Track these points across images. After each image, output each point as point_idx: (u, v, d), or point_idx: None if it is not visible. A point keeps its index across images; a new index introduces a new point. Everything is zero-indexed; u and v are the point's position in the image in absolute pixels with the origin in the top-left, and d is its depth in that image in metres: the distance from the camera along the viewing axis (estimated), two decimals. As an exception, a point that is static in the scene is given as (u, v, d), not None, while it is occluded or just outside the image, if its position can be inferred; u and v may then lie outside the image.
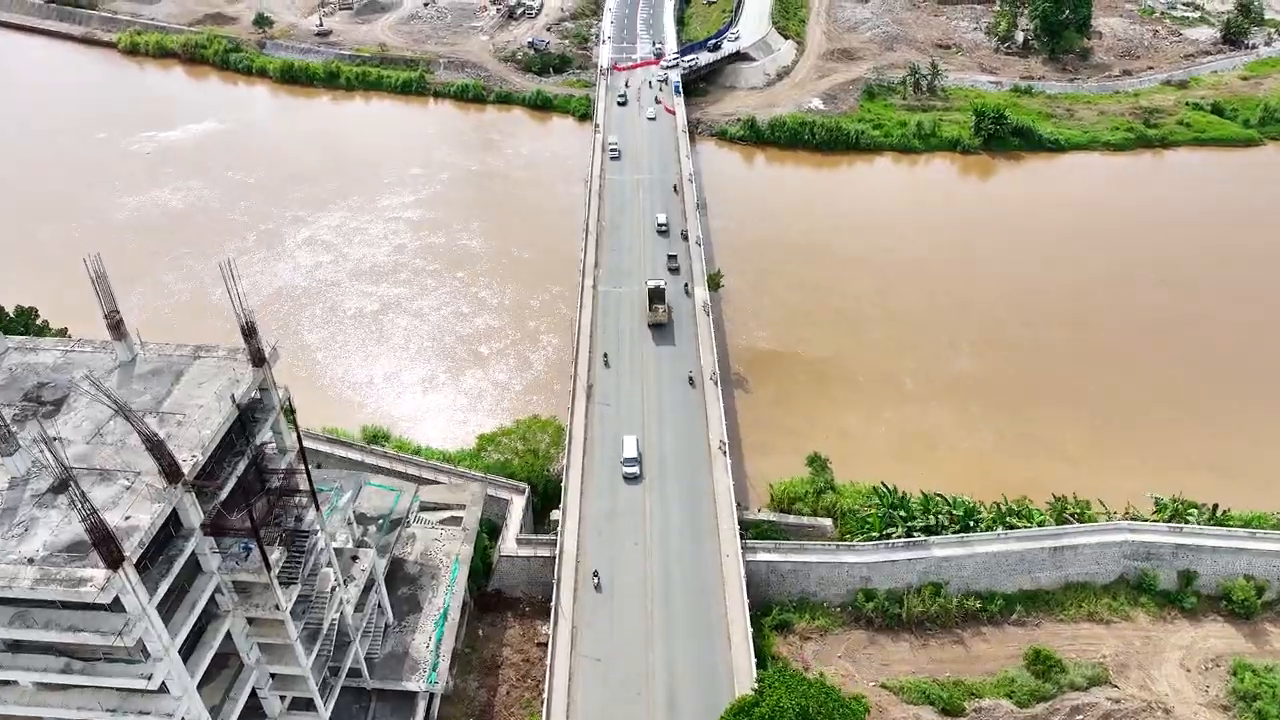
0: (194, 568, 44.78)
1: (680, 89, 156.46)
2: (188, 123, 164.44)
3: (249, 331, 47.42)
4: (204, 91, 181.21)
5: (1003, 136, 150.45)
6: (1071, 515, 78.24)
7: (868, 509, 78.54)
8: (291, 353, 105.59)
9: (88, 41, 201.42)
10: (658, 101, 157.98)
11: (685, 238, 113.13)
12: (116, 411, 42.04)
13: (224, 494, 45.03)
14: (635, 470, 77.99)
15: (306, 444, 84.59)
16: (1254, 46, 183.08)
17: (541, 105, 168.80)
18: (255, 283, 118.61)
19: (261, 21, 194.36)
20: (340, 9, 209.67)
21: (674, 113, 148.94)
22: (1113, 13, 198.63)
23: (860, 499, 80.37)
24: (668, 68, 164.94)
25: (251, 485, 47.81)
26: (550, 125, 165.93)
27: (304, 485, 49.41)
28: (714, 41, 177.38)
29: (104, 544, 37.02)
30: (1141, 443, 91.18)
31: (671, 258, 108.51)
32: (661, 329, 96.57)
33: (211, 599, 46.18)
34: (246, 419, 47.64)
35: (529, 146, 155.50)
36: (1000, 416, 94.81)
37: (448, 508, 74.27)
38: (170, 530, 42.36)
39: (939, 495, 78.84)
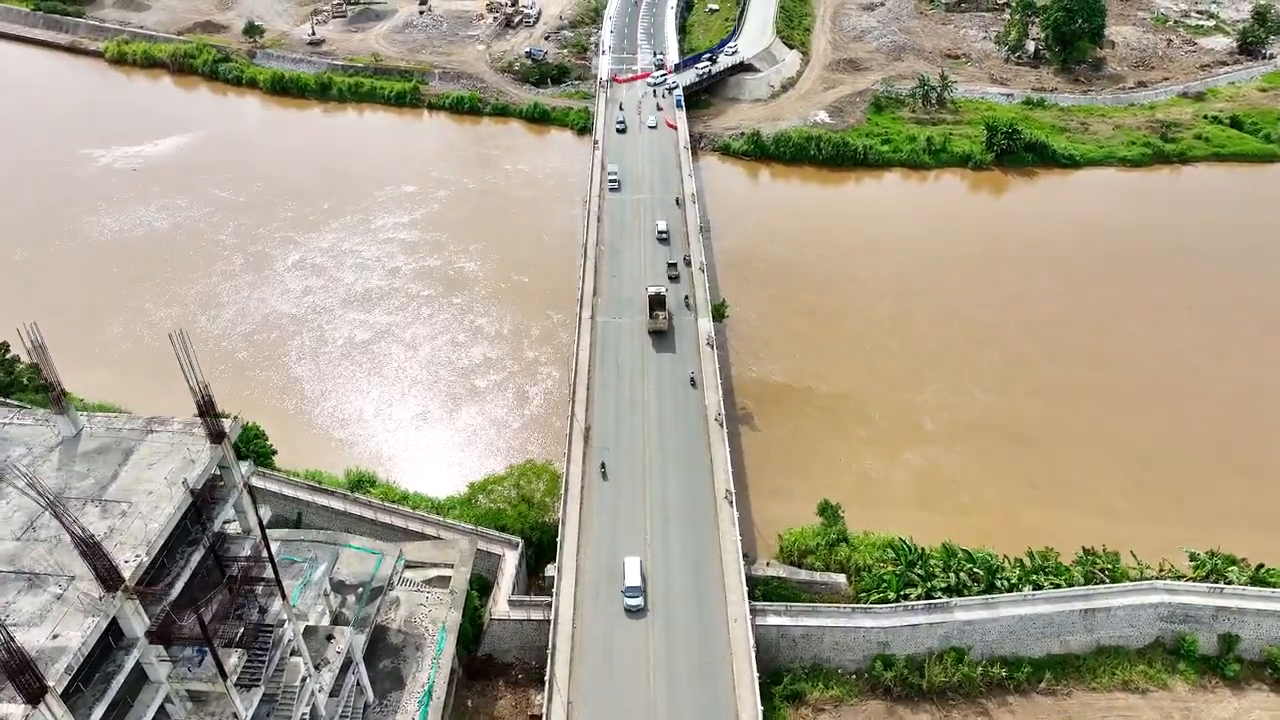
0: (139, 677, 39.74)
1: (682, 102, 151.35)
2: (175, 136, 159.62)
3: (205, 407, 42.28)
4: (192, 103, 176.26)
5: (1015, 152, 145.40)
6: (1102, 571, 73.17)
7: (884, 565, 73.46)
8: (278, 386, 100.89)
9: (74, 50, 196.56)
10: (659, 109, 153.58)
11: (688, 264, 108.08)
12: (45, 508, 36.98)
13: (175, 593, 40.01)
14: (639, 601, 66.30)
15: (287, 491, 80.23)
16: (1272, 57, 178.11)
17: (539, 118, 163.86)
18: (242, 310, 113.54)
19: (252, 30, 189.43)
20: (333, 17, 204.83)
21: (675, 127, 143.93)
22: (1125, 21, 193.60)
23: (876, 552, 75.26)
24: (654, 84, 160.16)
25: (209, 576, 42.79)
26: (548, 139, 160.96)
27: (268, 573, 44.30)
28: (709, 57, 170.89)
29: (22, 674, 31.97)
30: (1175, 489, 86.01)
31: (671, 265, 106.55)
32: (662, 337, 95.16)
33: (161, 708, 41.15)
34: (203, 502, 42.54)
35: (528, 162, 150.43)
36: (1026, 459, 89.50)
37: (435, 566, 69.23)
38: (109, 641, 37.35)
39: (961, 551, 73.78)
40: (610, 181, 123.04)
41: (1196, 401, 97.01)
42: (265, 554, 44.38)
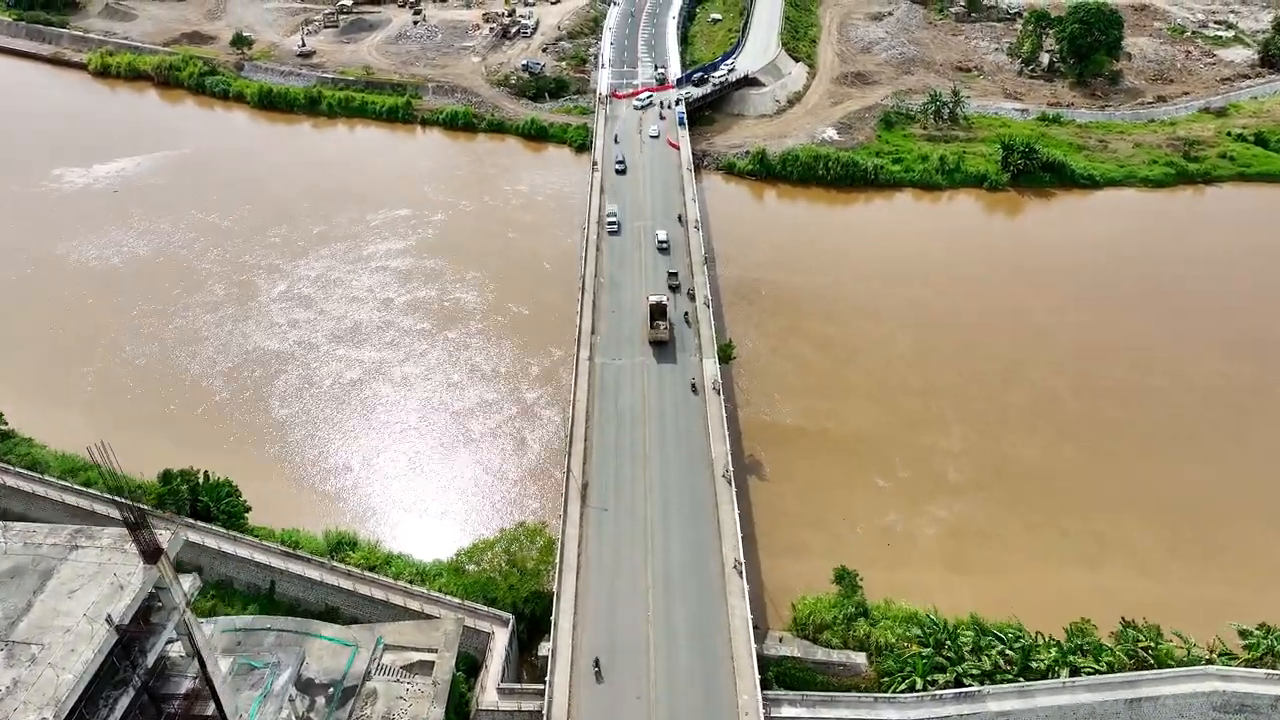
0: None
1: (684, 120, 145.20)
2: (159, 153, 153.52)
3: (137, 521, 36.20)
4: (177, 118, 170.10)
5: (1033, 172, 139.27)
6: (1145, 650, 67.08)
7: (907, 644, 67.37)
8: (259, 431, 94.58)
9: (56, 62, 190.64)
10: (662, 118, 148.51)
11: (692, 297, 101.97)
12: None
13: (96, 750, 33.98)
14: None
15: (259, 558, 73.80)
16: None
17: (536, 134, 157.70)
18: (223, 345, 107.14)
19: (240, 42, 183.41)
20: (325, 27, 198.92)
21: (678, 147, 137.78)
22: (1140, 32, 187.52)
23: (899, 628, 69.15)
24: (641, 105, 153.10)
25: (143, 714, 36.72)
26: (546, 156, 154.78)
27: (211, 710, 38.22)
28: (699, 76, 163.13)
29: None
30: (1218, 543, 79.98)
31: (672, 275, 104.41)
32: (663, 347, 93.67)
33: None
34: (134, 636, 36.47)
35: (526, 181, 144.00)
36: (1058, 508, 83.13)
37: (417, 650, 63.14)
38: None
39: (993, 629, 67.68)
40: (609, 224, 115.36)
41: (1236, 443, 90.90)
42: (210, 687, 38.25)
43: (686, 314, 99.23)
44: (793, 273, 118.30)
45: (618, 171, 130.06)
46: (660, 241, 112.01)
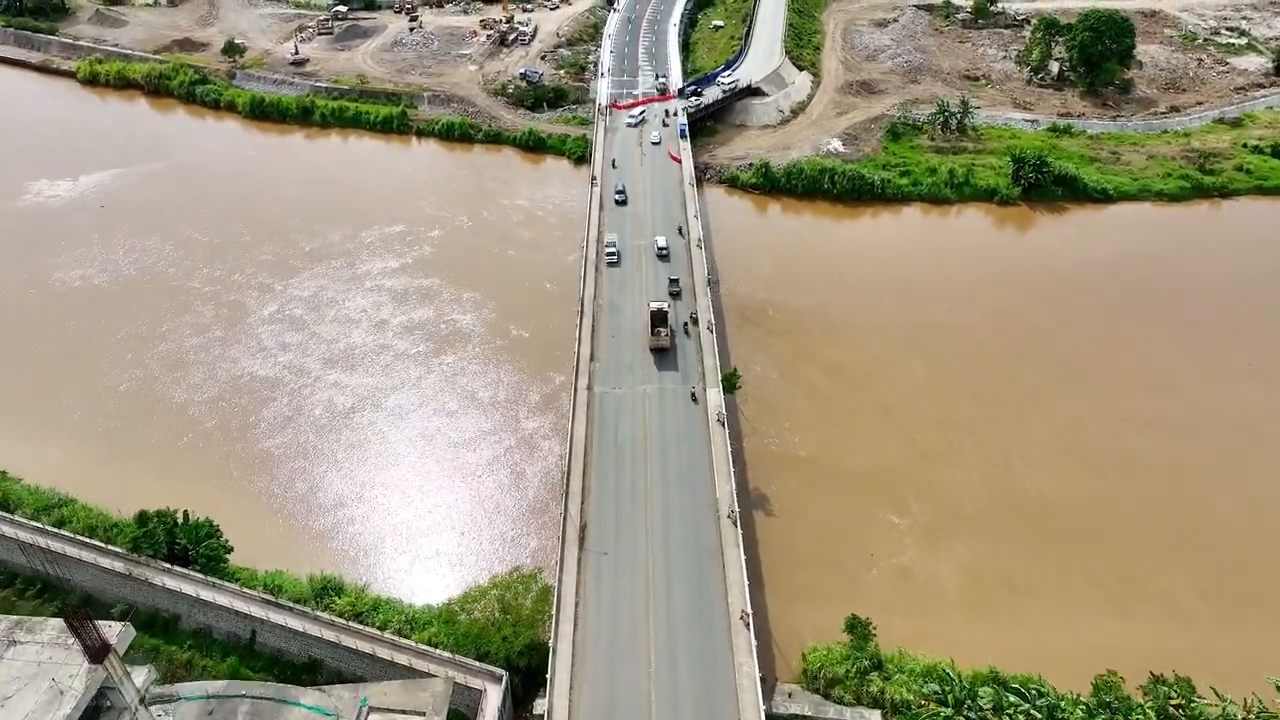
0: None
1: (686, 132, 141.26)
2: (148, 165, 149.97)
3: (79, 625, 32.31)
4: (167, 128, 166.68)
5: (1044, 185, 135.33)
6: (1178, 708, 63.15)
7: (925, 703, 63.50)
8: (245, 463, 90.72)
9: (45, 70, 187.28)
10: (665, 125, 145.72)
11: (695, 321, 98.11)
12: None
13: None
14: None
15: (239, 606, 69.77)
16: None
17: (534, 146, 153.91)
18: (210, 371, 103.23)
19: (231, 50, 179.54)
20: (319, 34, 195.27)
21: (680, 160, 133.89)
22: (1151, 39, 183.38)
23: (915, 684, 65.32)
24: (633, 123, 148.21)
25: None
26: (545, 168, 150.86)
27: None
28: (692, 89, 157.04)
29: None
30: (1253, 585, 75.95)
31: (673, 282, 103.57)
32: (664, 354, 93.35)
33: None
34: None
35: (526, 195, 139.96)
36: (1083, 549, 79.19)
37: (404, 713, 59.35)
38: None
39: (1014, 688, 63.78)
40: (609, 255, 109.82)
41: (1271, 476, 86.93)
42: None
43: (686, 324, 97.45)
44: (800, 292, 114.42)
45: (618, 202, 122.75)
46: (660, 248, 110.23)
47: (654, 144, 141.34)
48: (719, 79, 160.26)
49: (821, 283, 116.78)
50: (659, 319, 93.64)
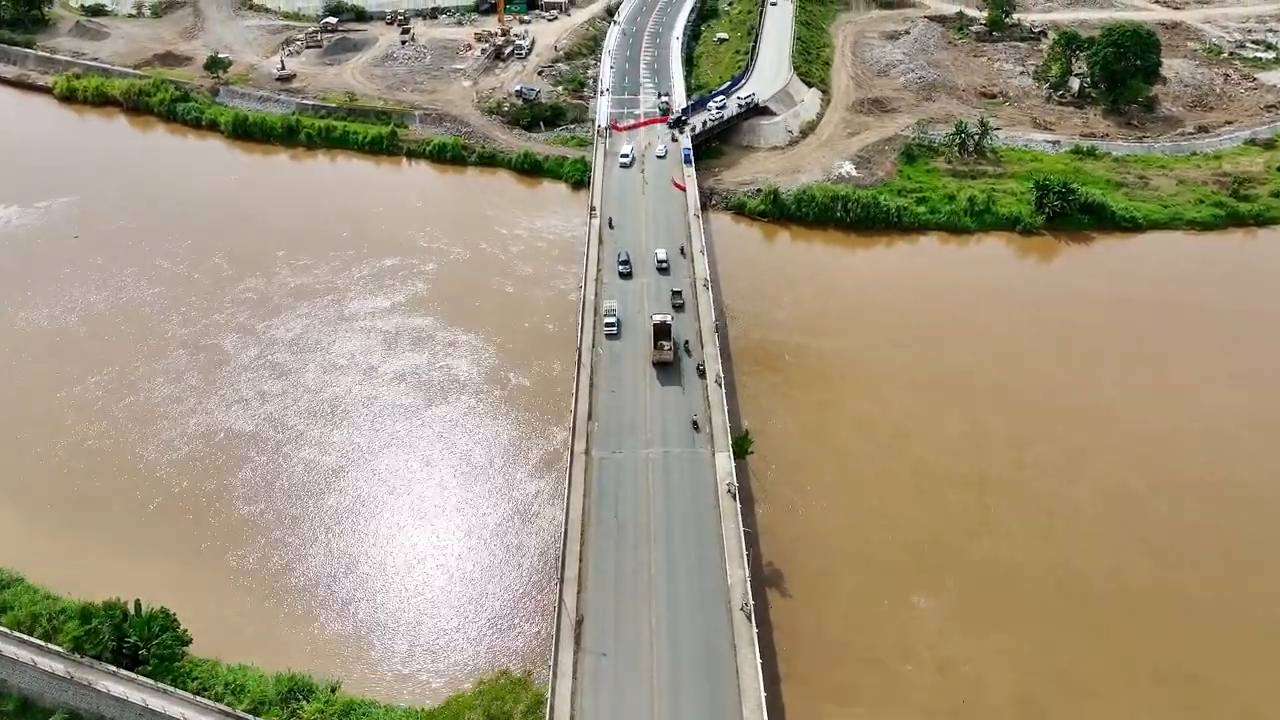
0: None
1: (690, 157, 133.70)
2: (123, 190, 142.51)
3: None
4: (146, 149, 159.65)
5: (1069, 213, 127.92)
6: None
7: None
8: (215, 535, 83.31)
9: (21, 85, 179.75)
10: (675, 139, 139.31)
11: (702, 374, 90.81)
12: None
13: None
14: None
15: (191, 717, 63.21)
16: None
17: (530, 169, 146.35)
18: (183, 426, 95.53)
19: (215, 65, 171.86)
20: (308, 47, 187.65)
21: (684, 188, 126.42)
22: (1174, 53, 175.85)
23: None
24: (625, 163, 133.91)
25: None
26: (542, 193, 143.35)
27: None
28: (676, 119, 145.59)
29: None
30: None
31: (676, 293, 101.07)
32: (666, 369, 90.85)
33: None
34: None
35: (525, 223, 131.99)
36: (1147, 641, 71.60)
37: None
38: None
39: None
40: (607, 325, 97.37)
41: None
42: None
43: (687, 342, 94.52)
44: (819, 335, 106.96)
45: (622, 275, 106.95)
46: (660, 261, 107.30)
47: (659, 157, 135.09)
48: (710, 103, 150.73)
49: (841, 323, 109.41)
50: (661, 333, 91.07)
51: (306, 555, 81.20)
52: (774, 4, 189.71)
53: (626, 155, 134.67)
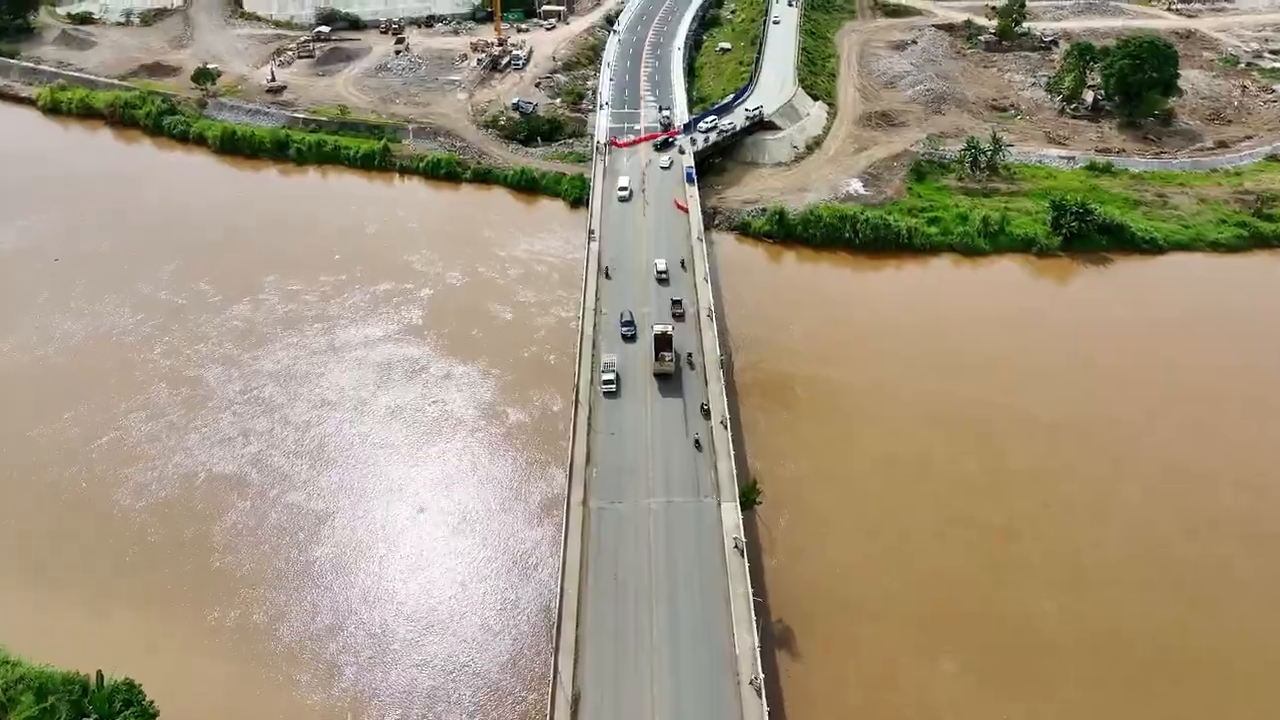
0: None
1: (693, 176, 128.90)
2: (106, 209, 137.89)
3: None
4: (131, 165, 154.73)
5: (1087, 235, 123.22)
6: None
7: None
8: (195, 589, 77.85)
9: (4, 97, 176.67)
10: (682, 152, 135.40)
11: (707, 415, 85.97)
12: None
13: None
14: None
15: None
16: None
17: (526, 186, 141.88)
18: (160, 468, 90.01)
19: (203, 77, 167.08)
20: (299, 57, 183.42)
21: (687, 210, 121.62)
22: (1189, 63, 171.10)
23: None
24: (623, 197, 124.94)
25: None
26: (540, 212, 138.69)
27: None
28: (664, 140, 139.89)
29: None
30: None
31: (676, 303, 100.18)
32: (667, 380, 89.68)
33: None
34: None
35: (523, 246, 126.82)
36: (1199, 716, 67.19)
37: None
38: None
39: None
40: (605, 384, 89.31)
41: None
42: None
43: (690, 355, 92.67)
44: (832, 364, 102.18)
45: (625, 338, 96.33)
46: (659, 272, 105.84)
47: (664, 169, 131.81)
48: (701, 123, 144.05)
49: (854, 352, 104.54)
50: (663, 343, 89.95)
51: (289, 613, 76.16)
52: (776, 23, 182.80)
53: (625, 189, 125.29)
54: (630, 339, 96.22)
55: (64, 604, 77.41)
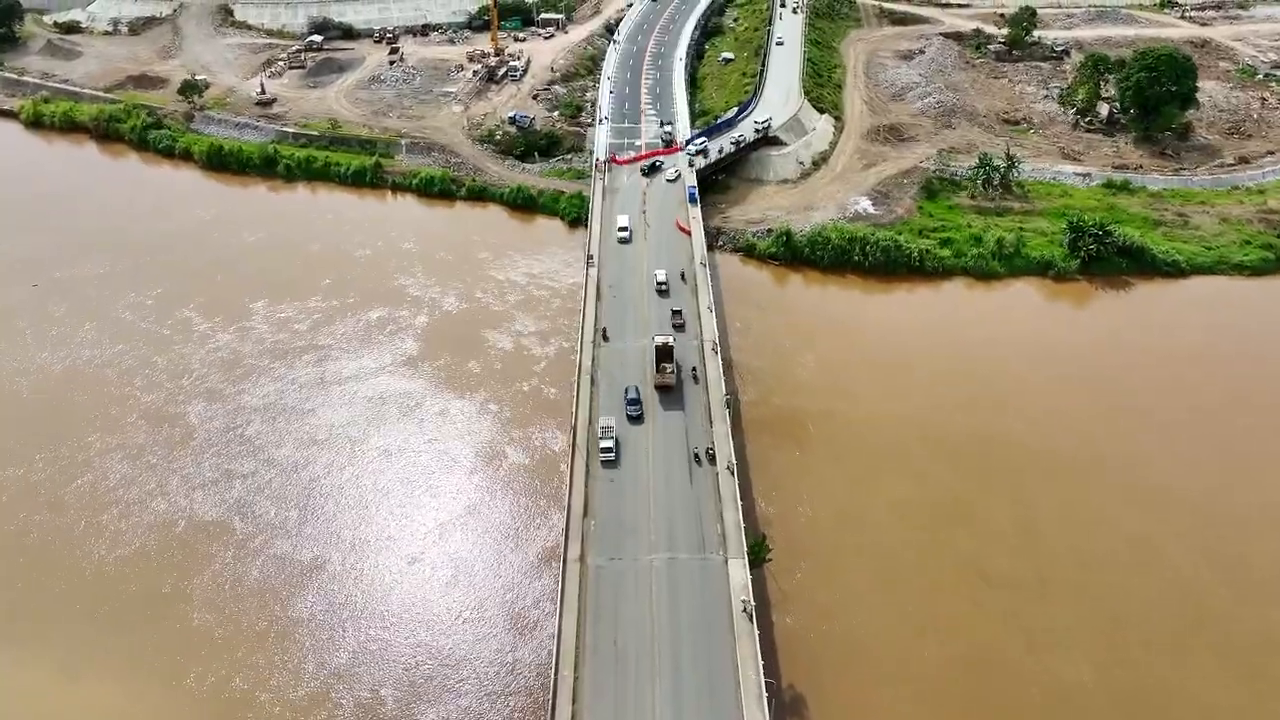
0: None
1: (696, 197, 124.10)
2: (90, 230, 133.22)
3: None
4: (117, 182, 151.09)
5: (1106, 257, 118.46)
6: None
7: None
8: (171, 650, 72.93)
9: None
10: (690, 166, 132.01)
11: (711, 460, 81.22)
12: None
13: None
14: None
15: None
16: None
17: (523, 204, 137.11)
18: (137, 514, 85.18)
19: (190, 89, 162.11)
20: (290, 68, 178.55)
21: (689, 232, 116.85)
22: (1206, 75, 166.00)
23: None
24: (628, 238, 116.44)
25: None
26: (538, 232, 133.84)
27: None
28: (652, 164, 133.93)
29: None
30: None
31: (676, 313, 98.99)
32: (669, 393, 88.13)
33: None
34: None
35: (521, 269, 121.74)
36: None
37: None
38: None
39: None
40: (604, 451, 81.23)
41: None
42: None
43: (695, 368, 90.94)
44: (846, 398, 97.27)
45: (631, 416, 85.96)
46: (659, 283, 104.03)
47: (669, 181, 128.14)
48: (691, 145, 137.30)
49: (868, 385, 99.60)
50: (664, 354, 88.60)
51: (271, 679, 71.30)
52: (780, 44, 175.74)
53: (625, 230, 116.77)
54: (636, 419, 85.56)
55: (31, 664, 72.97)
